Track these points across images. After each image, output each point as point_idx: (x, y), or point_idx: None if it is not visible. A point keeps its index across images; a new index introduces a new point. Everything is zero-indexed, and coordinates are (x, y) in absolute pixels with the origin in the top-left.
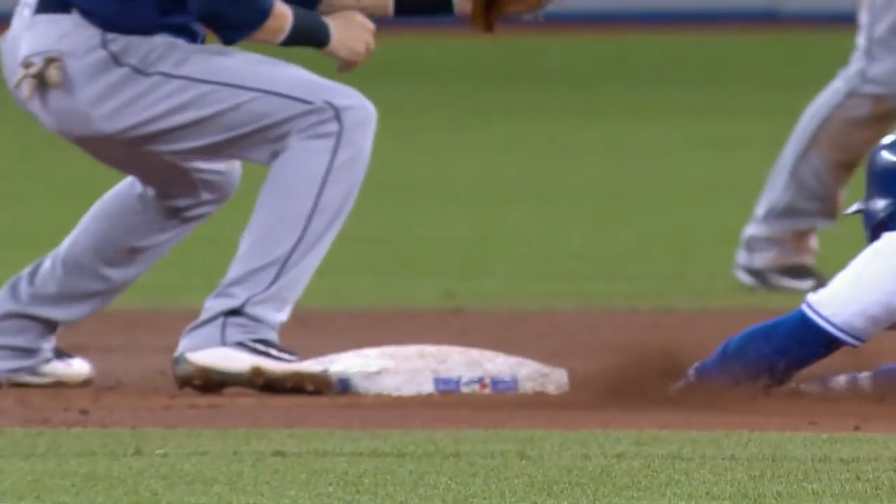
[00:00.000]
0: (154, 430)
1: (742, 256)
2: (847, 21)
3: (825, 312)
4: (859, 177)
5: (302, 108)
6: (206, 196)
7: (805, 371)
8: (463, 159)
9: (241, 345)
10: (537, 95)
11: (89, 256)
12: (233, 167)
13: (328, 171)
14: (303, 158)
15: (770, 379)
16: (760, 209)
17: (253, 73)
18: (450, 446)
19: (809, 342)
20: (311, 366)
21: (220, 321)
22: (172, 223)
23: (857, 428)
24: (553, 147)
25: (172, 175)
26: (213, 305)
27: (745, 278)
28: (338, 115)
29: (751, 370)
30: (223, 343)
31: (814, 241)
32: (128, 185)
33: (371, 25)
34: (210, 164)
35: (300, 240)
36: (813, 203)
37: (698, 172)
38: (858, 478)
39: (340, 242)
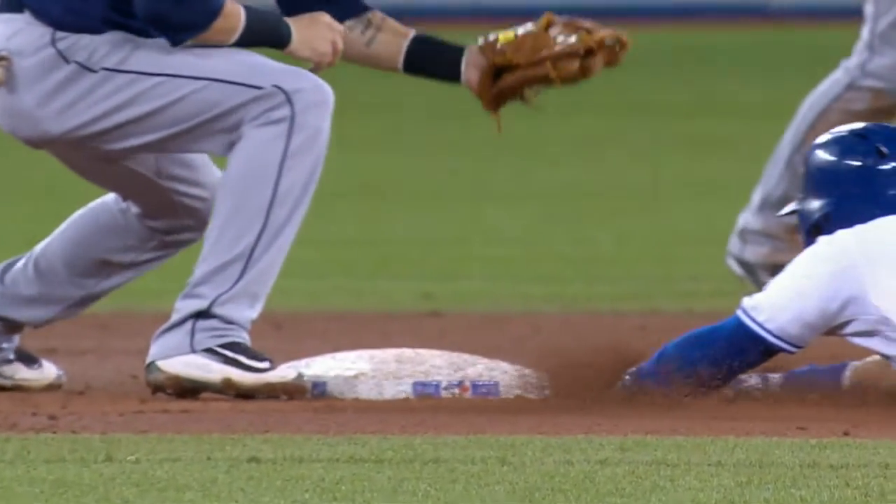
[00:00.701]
0: (125, 436)
1: (734, 245)
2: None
3: (760, 318)
4: None
5: (251, 94)
6: (187, 222)
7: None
8: (439, 159)
9: (210, 351)
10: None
11: (61, 262)
12: (215, 194)
13: (284, 157)
14: (257, 147)
15: (707, 384)
16: (756, 198)
17: (200, 62)
18: (429, 452)
19: (745, 348)
20: (284, 373)
21: (189, 325)
22: (151, 245)
23: (846, 433)
24: (531, 145)
25: (150, 192)
26: (181, 307)
27: (735, 268)
28: (289, 98)
29: (687, 375)
30: (192, 350)
31: None
32: (113, 198)
33: (339, 26)
34: (192, 188)
35: (263, 231)
36: None
37: (682, 171)
38: (848, 484)
39: (315, 244)
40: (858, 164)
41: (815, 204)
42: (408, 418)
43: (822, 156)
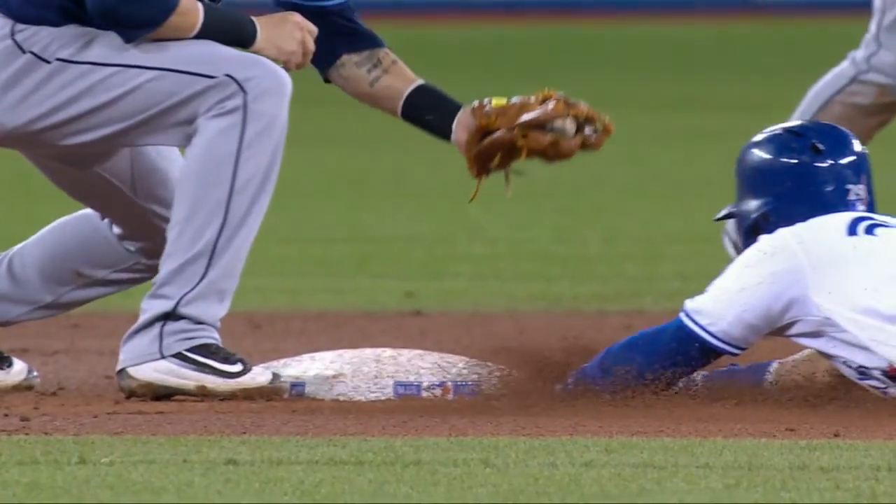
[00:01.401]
0: (99, 438)
1: (732, 227)
2: (825, 9)
3: (703, 322)
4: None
5: (204, 83)
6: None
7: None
8: (421, 154)
9: (181, 356)
10: (497, 86)
11: (34, 265)
12: None
13: (239, 147)
14: (211, 139)
15: (651, 387)
16: None
17: (154, 52)
18: (410, 454)
19: (689, 351)
20: (259, 377)
21: (157, 329)
22: (128, 265)
23: (836, 435)
24: None
25: (128, 212)
26: (147, 307)
27: (730, 250)
28: (241, 86)
29: (631, 378)
30: (161, 355)
31: None
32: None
33: (311, 27)
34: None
35: (224, 224)
36: None
37: (668, 167)
38: (838, 487)
39: (294, 242)
40: (794, 161)
41: (752, 204)
42: (388, 420)
43: (758, 155)
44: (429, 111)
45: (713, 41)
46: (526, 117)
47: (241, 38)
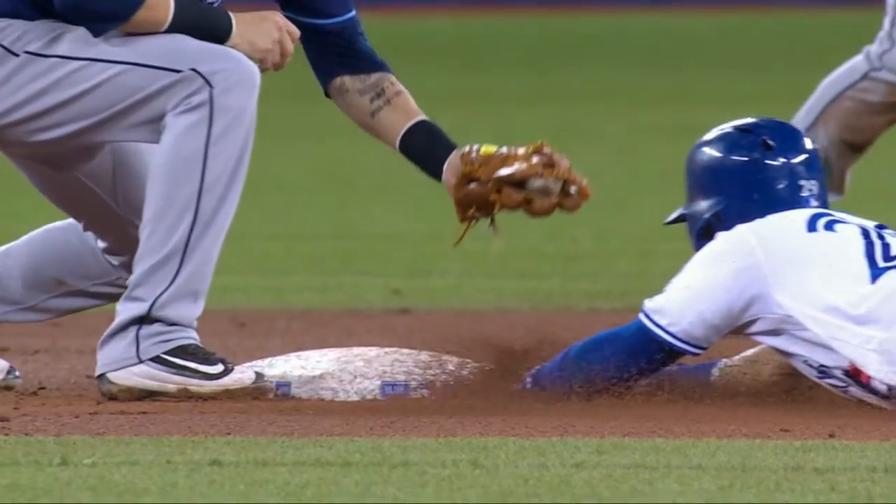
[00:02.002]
0: (81, 438)
1: None
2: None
3: (663, 322)
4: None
5: (170, 78)
6: None
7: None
8: None
9: (159, 360)
10: (485, 81)
11: (18, 268)
12: None
13: (207, 144)
14: (179, 136)
15: (612, 388)
16: None
17: (122, 46)
18: (398, 455)
19: (649, 352)
20: (242, 377)
21: (132, 333)
22: (110, 279)
23: (831, 435)
24: (503, 136)
25: (111, 223)
26: (121, 310)
27: None
28: (207, 81)
29: (591, 379)
30: (140, 359)
31: None
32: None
33: (293, 30)
34: None
35: (195, 222)
36: None
37: (659, 163)
38: (833, 488)
39: (279, 239)
40: (745, 158)
41: (703, 205)
42: (376, 420)
43: (707, 154)
44: (422, 150)
45: (703, 34)
46: (502, 172)
47: (215, 32)
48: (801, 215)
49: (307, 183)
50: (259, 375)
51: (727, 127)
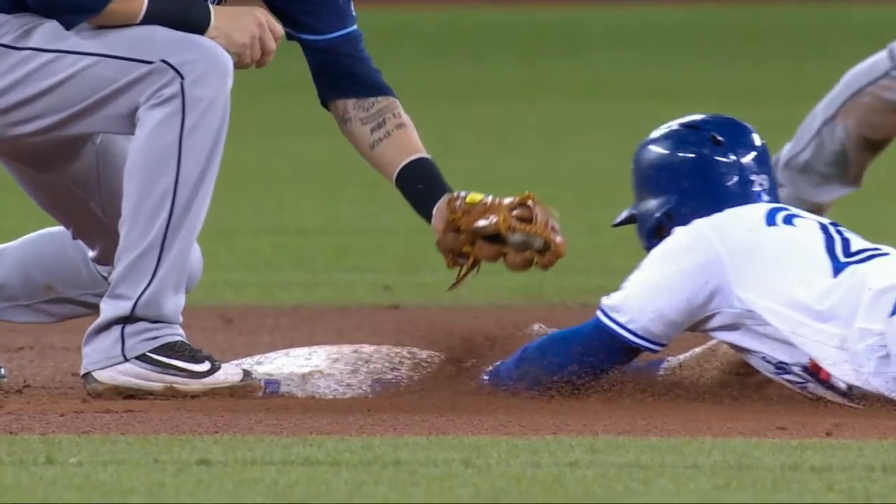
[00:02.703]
0: (66, 437)
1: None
2: None
3: (622, 320)
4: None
5: (141, 69)
6: None
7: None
8: None
9: (145, 358)
10: (476, 72)
11: (13, 265)
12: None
13: (181, 137)
14: (152, 130)
15: (570, 386)
16: (783, 152)
17: (93, 38)
18: (389, 454)
19: (608, 350)
20: (230, 375)
21: (117, 331)
22: (101, 289)
23: (829, 434)
24: (494, 129)
25: (99, 232)
26: (105, 308)
27: None
28: (177, 72)
29: (548, 376)
30: (125, 358)
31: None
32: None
33: (277, 28)
34: None
35: (171, 215)
36: (831, 168)
37: None
38: (831, 488)
39: (267, 234)
40: (694, 155)
41: (653, 203)
42: (366, 418)
43: (656, 152)
44: (415, 191)
45: (697, 24)
46: (478, 224)
47: (192, 25)
48: (759, 209)
49: (296, 177)
50: (247, 373)
51: (674, 124)
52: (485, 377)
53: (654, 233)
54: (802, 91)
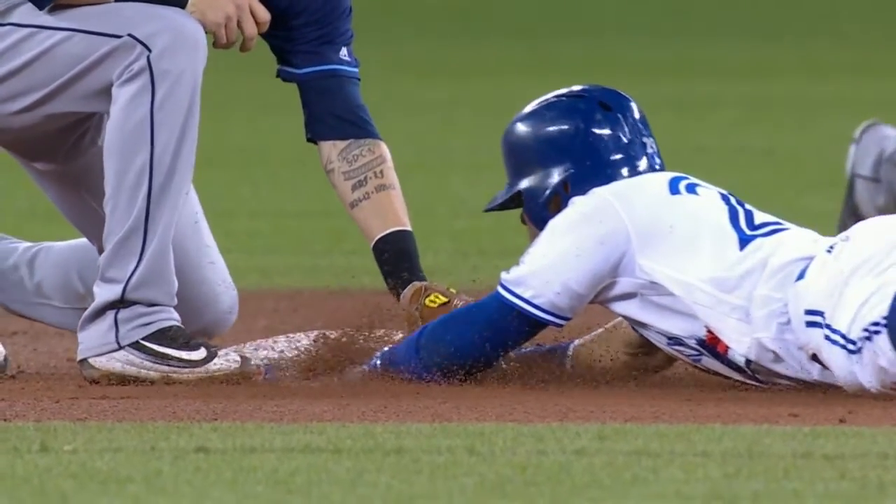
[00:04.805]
0: (61, 424)
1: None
2: None
3: (526, 294)
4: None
5: (110, 44)
6: None
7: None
8: (399, 123)
9: (139, 346)
10: (480, 50)
11: (53, 265)
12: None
13: (152, 110)
14: (124, 107)
15: (472, 366)
16: (889, 148)
17: (68, 12)
18: (391, 441)
19: (512, 326)
20: (227, 363)
21: (111, 317)
22: None
23: (842, 421)
24: (498, 108)
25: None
26: (98, 293)
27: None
28: (144, 45)
29: (448, 357)
30: (119, 345)
31: None
32: None
33: (262, 14)
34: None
35: (150, 192)
36: None
37: (661, 137)
38: (844, 476)
39: (266, 216)
40: (587, 121)
41: (544, 177)
42: (368, 405)
43: (544, 124)
44: (387, 268)
45: (710, 4)
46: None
47: (169, 2)
48: (661, 178)
49: (294, 157)
50: (244, 360)
51: (552, 98)
52: (375, 360)
53: (549, 205)
54: (813, 66)
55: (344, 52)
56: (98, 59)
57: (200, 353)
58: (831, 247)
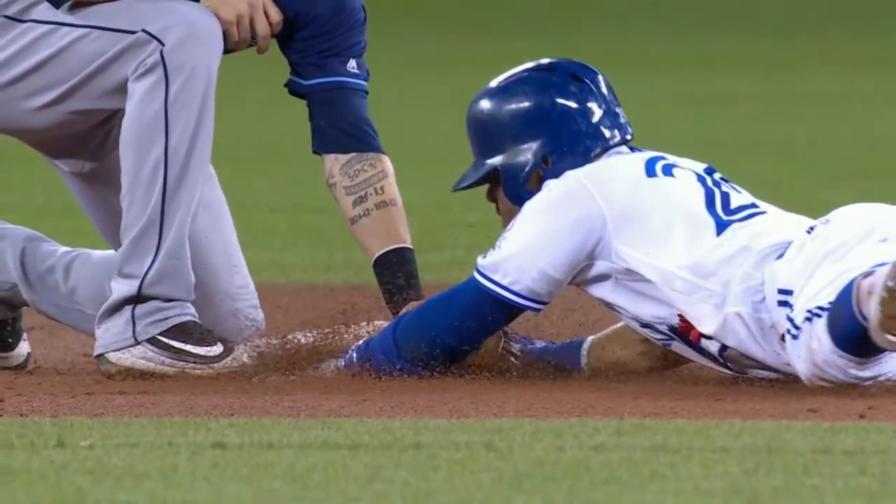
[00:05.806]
0: (78, 419)
1: None
2: None
3: (504, 281)
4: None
5: (125, 40)
6: None
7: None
8: (413, 116)
9: (156, 341)
10: (494, 44)
11: (89, 273)
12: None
13: (166, 106)
14: (139, 101)
15: (449, 353)
16: None
17: (87, 10)
18: (409, 437)
19: (489, 312)
20: (244, 357)
21: (128, 312)
22: None
23: (861, 416)
24: None
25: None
26: (115, 288)
27: None
28: (158, 40)
29: (426, 347)
30: (136, 340)
31: None
32: None
33: (275, 14)
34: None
35: (165, 187)
36: None
37: (678, 130)
38: (864, 472)
39: (282, 211)
40: (562, 94)
41: (522, 152)
42: (386, 400)
43: (518, 99)
44: (386, 286)
45: None
46: None
47: None
48: (636, 159)
49: (304, 155)
50: (261, 355)
51: (521, 72)
52: (351, 354)
53: (529, 182)
54: (831, 62)
55: (352, 64)
56: (114, 55)
57: (217, 349)
58: (811, 228)
